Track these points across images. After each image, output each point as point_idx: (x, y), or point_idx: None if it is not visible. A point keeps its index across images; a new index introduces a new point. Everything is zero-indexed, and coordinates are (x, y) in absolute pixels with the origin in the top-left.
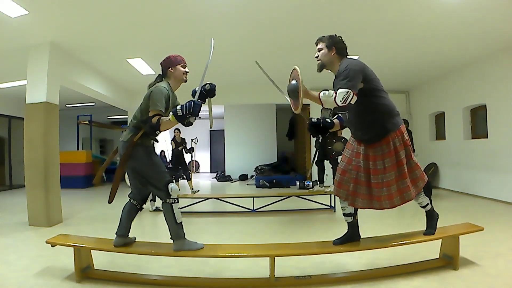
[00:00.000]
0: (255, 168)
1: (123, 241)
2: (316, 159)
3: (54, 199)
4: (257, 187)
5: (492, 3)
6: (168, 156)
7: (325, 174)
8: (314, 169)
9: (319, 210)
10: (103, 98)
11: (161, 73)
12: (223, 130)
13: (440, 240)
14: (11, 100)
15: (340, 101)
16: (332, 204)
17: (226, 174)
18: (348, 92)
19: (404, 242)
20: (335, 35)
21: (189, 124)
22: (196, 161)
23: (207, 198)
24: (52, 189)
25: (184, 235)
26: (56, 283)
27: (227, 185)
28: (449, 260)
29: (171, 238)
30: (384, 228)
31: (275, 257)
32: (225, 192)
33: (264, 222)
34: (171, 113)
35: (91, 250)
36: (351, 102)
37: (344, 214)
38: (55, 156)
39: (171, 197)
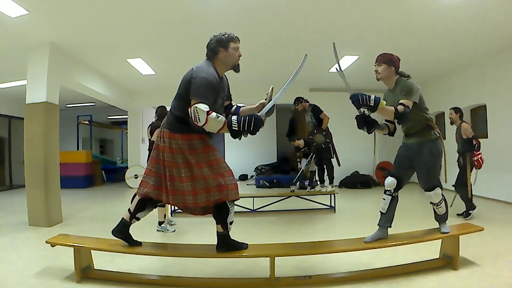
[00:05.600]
0: (255, 168)
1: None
2: (312, 158)
3: (54, 199)
4: (257, 187)
5: (492, 3)
6: None
7: (325, 174)
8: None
9: (319, 210)
10: (103, 98)
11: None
12: None
13: (440, 240)
14: (11, 100)
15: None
16: (332, 204)
17: None
18: None
19: (404, 242)
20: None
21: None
22: None
23: None
24: (52, 189)
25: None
26: (56, 283)
27: None
28: (449, 260)
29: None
30: None
31: (275, 257)
32: None
33: (264, 222)
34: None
35: (91, 250)
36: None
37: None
38: (55, 156)
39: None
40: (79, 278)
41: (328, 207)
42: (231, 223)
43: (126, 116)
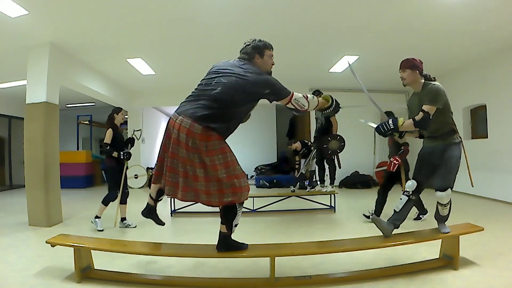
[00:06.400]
0: (255, 168)
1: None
2: (315, 158)
3: (54, 199)
4: (257, 187)
5: (492, 3)
6: None
7: (325, 174)
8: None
9: (319, 210)
10: (103, 98)
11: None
12: None
13: (440, 240)
14: (11, 100)
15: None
16: (332, 204)
17: None
18: None
19: (404, 242)
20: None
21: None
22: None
23: None
24: (52, 189)
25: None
26: (56, 283)
27: None
28: (449, 260)
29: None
30: None
31: (275, 257)
32: None
33: (264, 222)
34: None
35: (91, 250)
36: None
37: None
38: (55, 156)
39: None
40: (79, 278)
41: (328, 207)
42: (236, 225)
43: (126, 116)
